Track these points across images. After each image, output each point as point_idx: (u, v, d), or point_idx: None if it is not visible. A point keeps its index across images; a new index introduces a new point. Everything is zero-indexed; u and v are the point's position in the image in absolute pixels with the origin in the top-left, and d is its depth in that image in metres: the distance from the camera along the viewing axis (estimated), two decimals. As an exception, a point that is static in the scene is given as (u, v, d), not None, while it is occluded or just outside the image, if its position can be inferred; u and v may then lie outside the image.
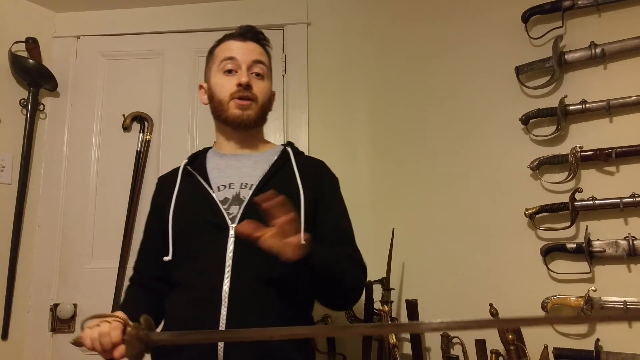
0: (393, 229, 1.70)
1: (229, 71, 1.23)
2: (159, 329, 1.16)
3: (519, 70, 1.63)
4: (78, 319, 1.90)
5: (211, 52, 1.31)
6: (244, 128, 1.23)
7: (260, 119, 1.26)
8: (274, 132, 1.97)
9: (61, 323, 1.89)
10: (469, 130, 1.73)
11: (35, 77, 1.96)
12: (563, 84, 1.58)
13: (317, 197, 1.22)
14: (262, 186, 1.17)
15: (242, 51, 1.24)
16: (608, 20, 1.53)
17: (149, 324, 0.98)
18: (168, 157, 2.01)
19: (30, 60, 1.95)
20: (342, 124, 1.97)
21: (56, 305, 1.90)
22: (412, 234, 1.77)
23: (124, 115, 2.03)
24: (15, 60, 1.92)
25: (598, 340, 1.40)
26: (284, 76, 2.02)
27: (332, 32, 2.04)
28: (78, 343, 1.02)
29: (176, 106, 2.05)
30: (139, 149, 2.02)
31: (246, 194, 1.17)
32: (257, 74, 1.24)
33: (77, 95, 2.07)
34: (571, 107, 1.52)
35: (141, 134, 2.03)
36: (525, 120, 1.59)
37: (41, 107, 2.01)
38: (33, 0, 2.04)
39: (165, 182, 1.29)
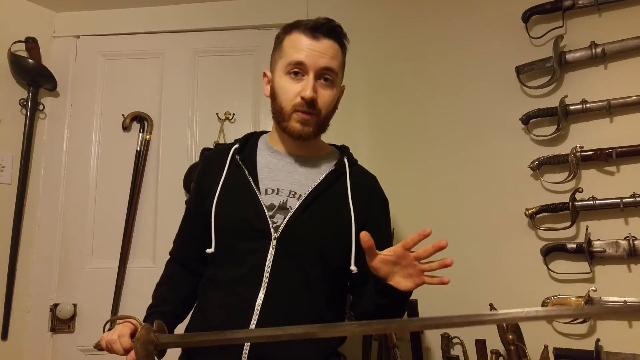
0: (393, 229, 1.70)
1: (295, 73, 1.13)
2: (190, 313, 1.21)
3: (519, 70, 1.63)
4: (78, 319, 1.90)
5: (279, 40, 1.20)
6: (303, 141, 1.16)
7: (321, 131, 1.19)
8: (274, 132, 1.96)
9: (61, 323, 1.89)
10: (469, 130, 1.72)
11: (35, 77, 1.96)
12: (563, 84, 1.58)
13: (366, 219, 1.17)
14: (312, 200, 1.13)
15: (312, 54, 1.12)
16: (608, 20, 1.53)
17: (160, 327, 1.01)
18: (168, 157, 2.01)
19: (30, 60, 1.95)
20: (342, 124, 1.96)
21: (56, 305, 1.90)
22: (412, 234, 1.76)
23: (123, 115, 2.03)
24: (15, 60, 1.92)
25: (598, 340, 1.40)
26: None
27: (332, 31, 2.03)
28: (98, 346, 1.09)
29: (176, 106, 2.05)
30: (138, 149, 2.02)
31: (293, 204, 1.13)
32: (326, 79, 1.15)
33: (77, 95, 2.07)
34: (571, 107, 1.52)
35: (141, 134, 2.03)
36: (526, 120, 1.59)
37: (41, 107, 2.01)
38: (33, 0, 2.04)
39: (213, 165, 1.22)
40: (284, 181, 1.16)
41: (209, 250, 1.14)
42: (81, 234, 1.97)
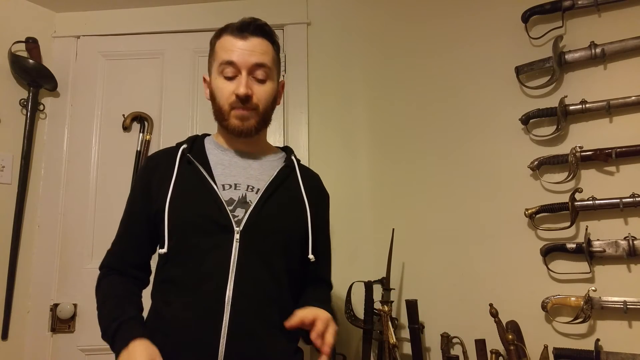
0: (393, 229, 1.70)
1: (229, 73, 1.16)
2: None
3: (519, 70, 1.63)
4: (78, 319, 1.90)
5: (212, 45, 1.24)
6: (245, 137, 1.19)
7: (262, 125, 1.20)
8: (274, 132, 1.97)
9: (61, 323, 1.89)
10: (469, 130, 1.73)
11: (35, 77, 1.96)
12: (563, 84, 1.58)
13: (316, 213, 1.23)
14: (270, 193, 1.16)
15: (242, 53, 1.15)
16: (608, 20, 1.53)
17: None
18: (168, 157, 2.01)
19: (30, 60, 1.95)
20: (342, 124, 1.97)
21: (56, 305, 1.90)
22: (412, 234, 1.77)
23: (124, 115, 2.04)
24: (15, 60, 1.92)
25: (598, 340, 1.40)
26: (284, 76, 2.02)
27: (332, 32, 2.04)
28: None
29: (176, 106, 2.05)
30: (139, 149, 2.02)
31: (252, 198, 1.15)
32: (259, 75, 1.17)
33: (77, 95, 2.07)
34: (571, 107, 1.52)
35: (141, 134, 2.03)
36: (525, 120, 1.59)
37: (41, 107, 2.02)
38: (33, 0, 2.04)
39: (160, 164, 1.21)
40: (240, 176, 1.19)
41: (161, 251, 1.12)
42: (81, 234, 1.97)
